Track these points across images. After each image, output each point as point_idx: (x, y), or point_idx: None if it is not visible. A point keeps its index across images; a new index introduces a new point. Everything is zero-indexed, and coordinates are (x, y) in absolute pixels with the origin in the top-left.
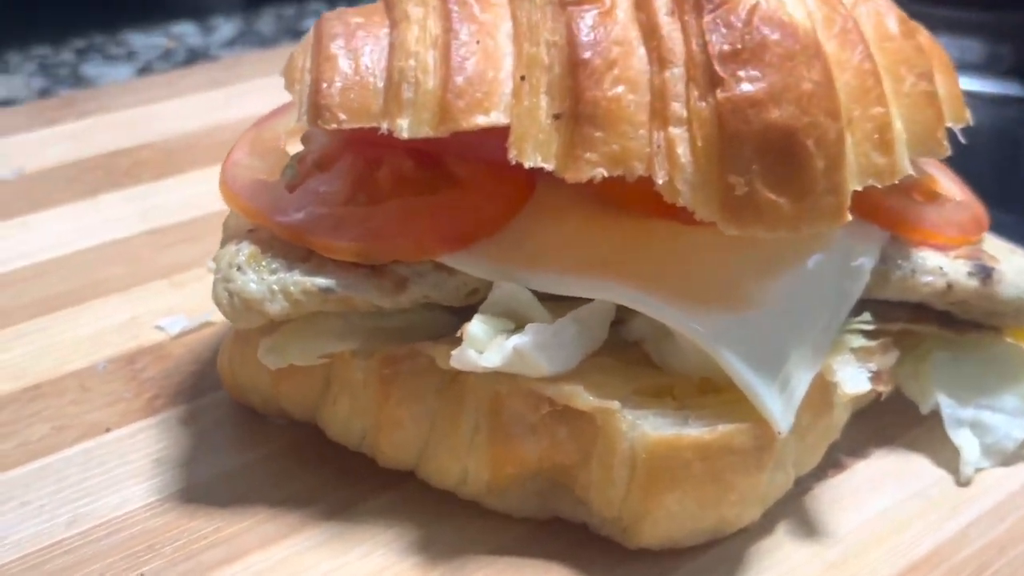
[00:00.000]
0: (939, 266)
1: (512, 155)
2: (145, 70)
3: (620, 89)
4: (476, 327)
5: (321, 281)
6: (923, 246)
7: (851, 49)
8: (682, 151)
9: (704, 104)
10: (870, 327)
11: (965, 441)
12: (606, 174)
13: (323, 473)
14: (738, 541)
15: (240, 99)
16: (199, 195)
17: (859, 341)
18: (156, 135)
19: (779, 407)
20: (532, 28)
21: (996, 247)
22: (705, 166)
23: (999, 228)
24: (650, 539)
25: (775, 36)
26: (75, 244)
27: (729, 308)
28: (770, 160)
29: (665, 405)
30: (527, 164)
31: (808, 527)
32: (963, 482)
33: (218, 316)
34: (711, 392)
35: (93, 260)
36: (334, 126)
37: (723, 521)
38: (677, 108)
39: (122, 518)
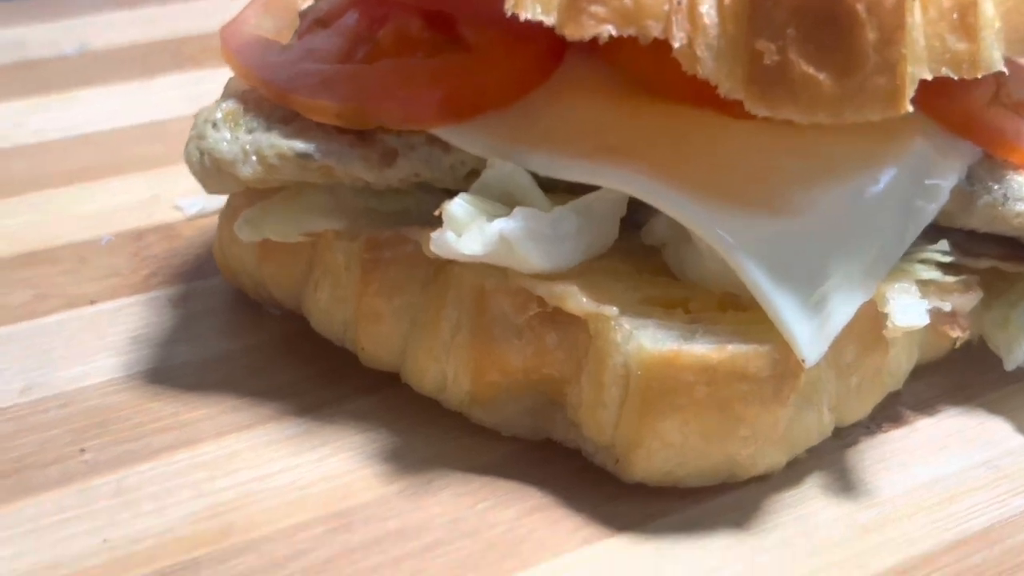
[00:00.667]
0: None
1: (508, 5)
2: None
3: None
4: (458, 206)
5: (299, 145)
6: (1021, 169)
7: None
8: (706, 9)
9: None
10: (948, 259)
11: None
12: (614, 33)
13: (306, 369)
14: (753, 489)
15: None
16: None
17: (931, 273)
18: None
19: (807, 332)
20: None
21: None
22: (732, 28)
23: None
24: (645, 473)
25: None
26: (115, 121)
27: (762, 212)
28: (809, 24)
29: (674, 317)
30: (523, 16)
31: (844, 484)
32: None
33: None
34: (732, 310)
35: (129, 138)
36: None
37: (733, 462)
38: None
39: (78, 391)
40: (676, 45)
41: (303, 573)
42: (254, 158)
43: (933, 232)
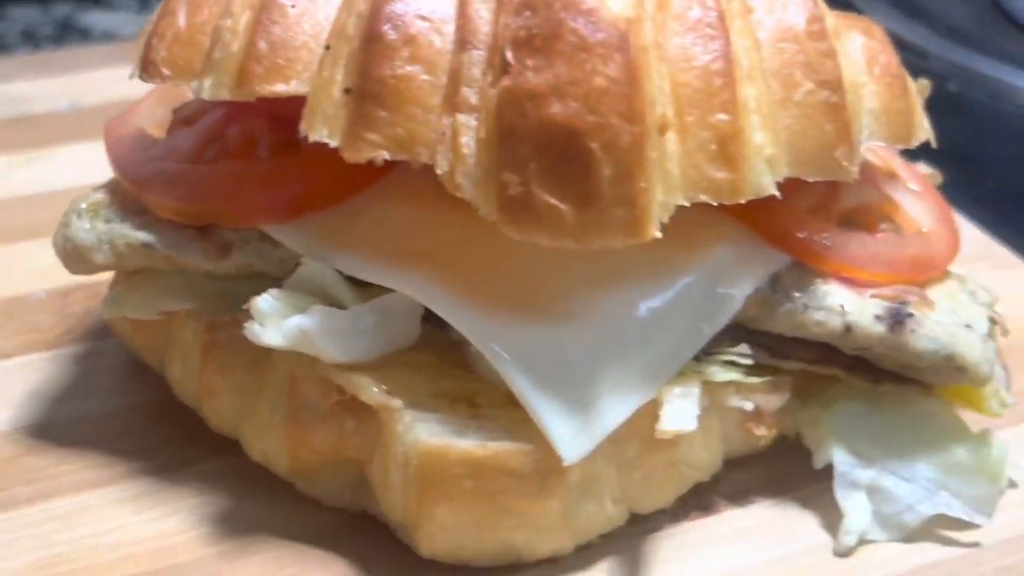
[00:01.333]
0: (841, 304)
1: (302, 127)
2: None
3: (413, 68)
4: (264, 301)
5: (144, 236)
6: (836, 279)
7: (704, 45)
8: (466, 141)
9: (494, 92)
10: (748, 361)
11: (854, 506)
12: (388, 157)
13: (172, 431)
14: (543, 571)
15: None
16: None
17: (729, 375)
18: None
19: (569, 432)
20: None
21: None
22: (486, 160)
23: None
24: (433, 551)
25: (573, 23)
26: (78, 180)
27: (537, 320)
28: (548, 160)
29: (458, 412)
30: (313, 138)
31: (631, 570)
32: (839, 552)
33: None
34: (514, 407)
35: None
36: (159, 81)
37: (511, 546)
38: (469, 94)
39: None
40: (439, 172)
41: None
42: (107, 247)
43: (744, 334)
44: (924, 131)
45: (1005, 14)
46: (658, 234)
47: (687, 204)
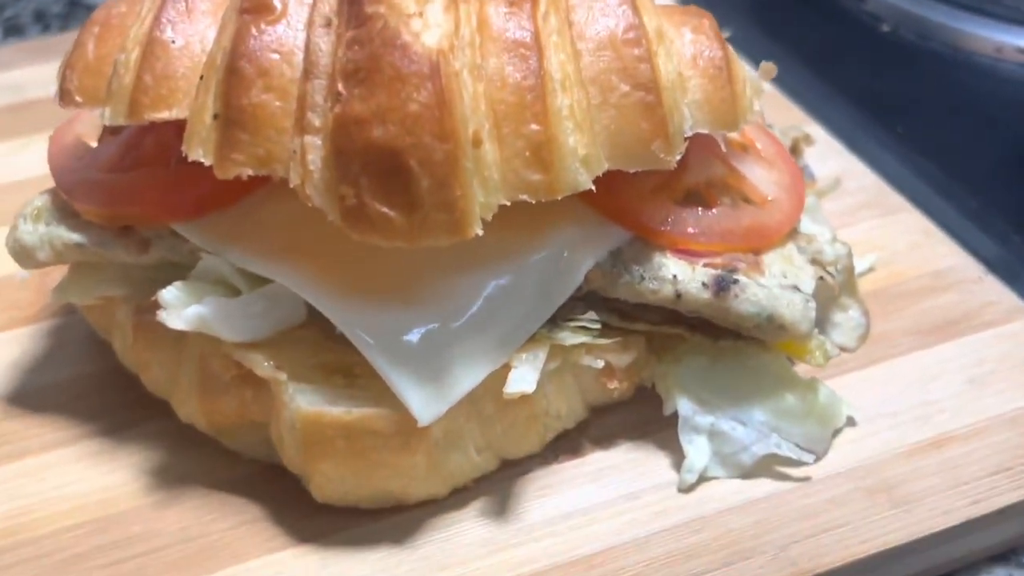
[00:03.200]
0: (674, 275)
1: (183, 148)
2: None
3: (267, 96)
4: (168, 292)
5: (76, 236)
6: (672, 252)
7: (518, 65)
8: (312, 158)
9: (331, 116)
10: (596, 326)
11: (695, 448)
12: (252, 173)
13: (123, 394)
14: (420, 512)
15: None
16: None
17: (578, 338)
18: None
19: (422, 399)
20: (221, 32)
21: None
22: (327, 175)
23: None
24: (325, 498)
25: (390, 58)
26: None
27: (395, 304)
28: (375, 176)
29: (333, 383)
30: (192, 158)
31: (499, 509)
32: (681, 488)
33: None
34: None
35: None
36: (75, 107)
37: (389, 492)
38: (313, 117)
39: None
40: (291, 184)
41: (58, 565)
42: (47, 246)
43: (599, 302)
44: (752, 115)
45: None
46: (479, 231)
47: (508, 203)
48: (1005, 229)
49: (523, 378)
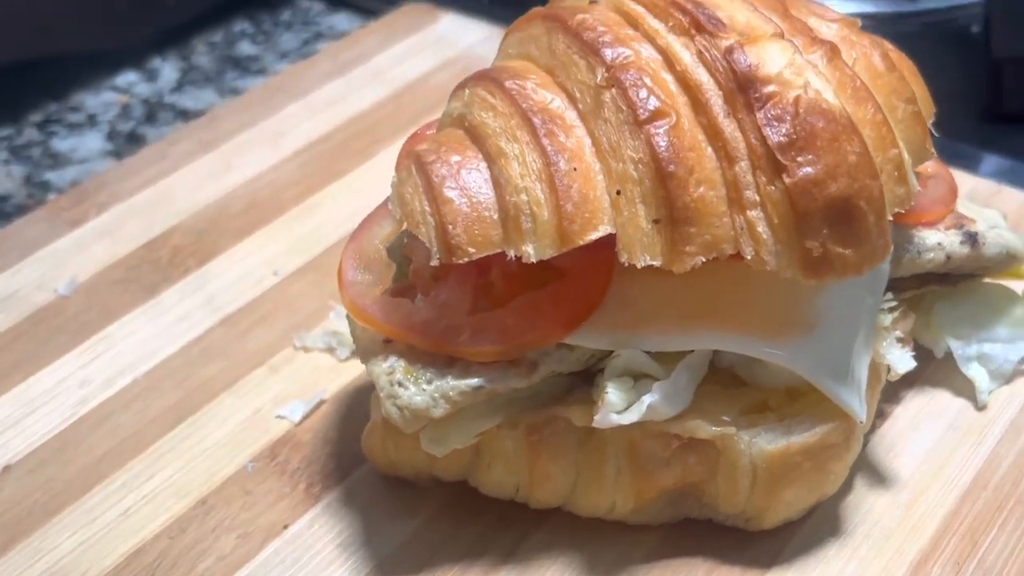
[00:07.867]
0: (938, 242)
1: (624, 258)
2: (114, 134)
3: (702, 189)
4: (612, 394)
5: (473, 381)
6: (919, 226)
7: (864, 105)
8: (762, 229)
9: (773, 188)
10: (893, 303)
11: (976, 372)
12: (704, 260)
13: (483, 522)
14: (831, 503)
15: (238, 159)
16: (248, 272)
17: (889, 318)
18: (177, 216)
19: (856, 401)
20: (614, 147)
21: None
22: (784, 238)
23: None
24: (770, 524)
25: (820, 124)
26: (163, 351)
27: (796, 330)
28: (835, 224)
29: (768, 419)
30: (638, 264)
31: (878, 477)
32: (980, 407)
33: (329, 393)
34: (798, 396)
35: (184, 364)
36: (466, 260)
37: (824, 495)
38: (750, 195)
39: None
40: (747, 257)
41: None
42: (442, 401)
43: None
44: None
45: None
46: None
47: (890, 219)
48: None
49: (903, 359)
